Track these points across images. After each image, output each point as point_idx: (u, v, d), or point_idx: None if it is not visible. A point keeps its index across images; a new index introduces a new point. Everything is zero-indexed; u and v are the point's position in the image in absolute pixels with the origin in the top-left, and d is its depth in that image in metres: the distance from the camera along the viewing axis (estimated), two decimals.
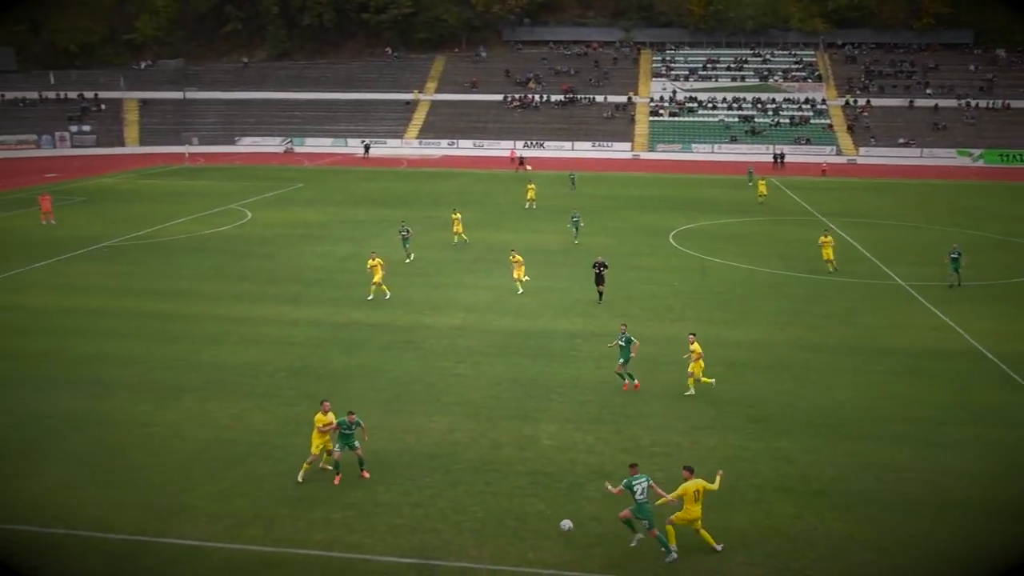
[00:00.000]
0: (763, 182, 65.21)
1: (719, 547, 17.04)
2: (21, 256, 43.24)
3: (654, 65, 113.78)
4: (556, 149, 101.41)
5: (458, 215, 47.80)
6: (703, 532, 17.08)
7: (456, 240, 46.95)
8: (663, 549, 16.79)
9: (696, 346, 25.13)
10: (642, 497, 16.83)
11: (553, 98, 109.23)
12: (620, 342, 25.77)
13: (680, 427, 22.95)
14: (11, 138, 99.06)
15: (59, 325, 31.77)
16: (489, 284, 38.12)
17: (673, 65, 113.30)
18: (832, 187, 74.60)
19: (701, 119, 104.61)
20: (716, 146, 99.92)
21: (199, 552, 16.88)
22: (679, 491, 16.98)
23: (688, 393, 25.06)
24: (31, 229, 51.09)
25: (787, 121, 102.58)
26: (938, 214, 58.92)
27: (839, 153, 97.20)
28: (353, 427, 19.85)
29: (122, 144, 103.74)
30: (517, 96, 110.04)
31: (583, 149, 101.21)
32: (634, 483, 16.92)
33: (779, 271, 40.98)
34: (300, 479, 19.56)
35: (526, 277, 36.63)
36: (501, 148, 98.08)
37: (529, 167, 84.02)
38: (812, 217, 57.08)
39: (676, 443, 21.95)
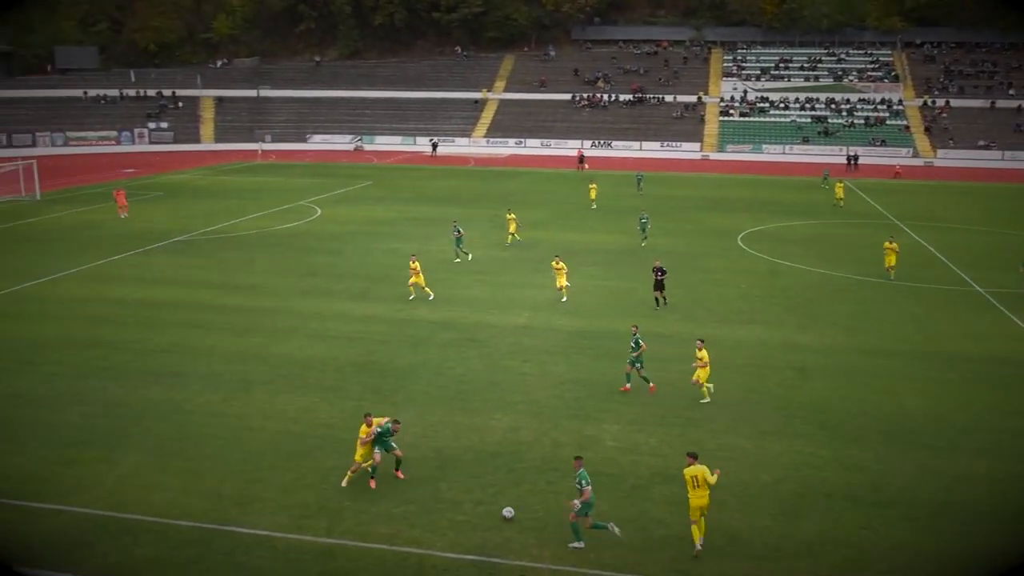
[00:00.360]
0: (840, 185, 63.65)
1: (699, 546, 16.78)
2: (101, 248, 44.63)
3: (725, 64, 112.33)
4: (624, 149, 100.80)
5: (513, 215, 47.59)
6: (702, 522, 16.96)
7: (510, 240, 46.77)
8: (602, 528, 17.21)
9: (703, 353, 24.53)
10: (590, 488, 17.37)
11: (621, 97, 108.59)
12: (631, 344, 25.45)
13: (746, 431, 22.65)
14: (93, 134, 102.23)
15: (137, 316, 32.72)
16: (553, 283, 38.05)
17: (744, 64, 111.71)
18: (907, 190, 72.80)
19: (772, 119, 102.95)
20: (787, 147, 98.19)
21: (265, 541, 17.22)
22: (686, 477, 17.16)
23: (704, 401, 24.60)
24: (110, 223, 52.69)
25: (861, 122, 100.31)
26: (1020, 220, 57.01)
27: (915, 155, 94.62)
28: (393, 433, 19.70)
29: (198, 141, 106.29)
30: (585, 95, 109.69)
31: (651, 149, 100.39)
32: (585, 477, 17.27)
33: (851, 275, 40.11)
34: (344, 484, 19.43)
35: (567, 283, 35.41)
36: (568, 148, 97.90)
37: (587, 166, 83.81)
38: (886, 220, 55.77)
39: (742, 448, 21.66)
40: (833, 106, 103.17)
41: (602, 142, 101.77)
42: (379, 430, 19.40)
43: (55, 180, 70.27)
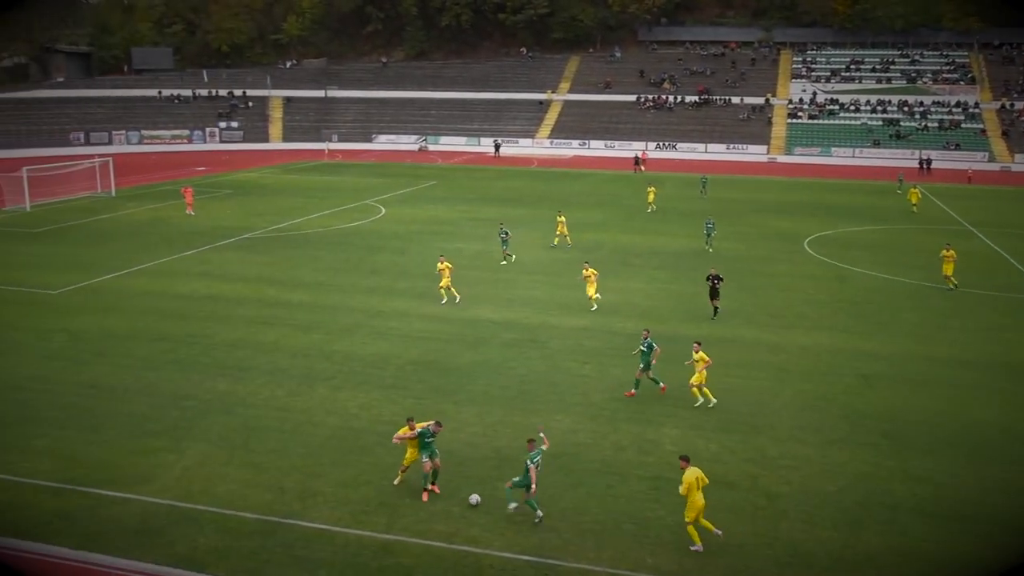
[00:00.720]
0: (915, 190, 62.04)
1: (698, 547, 16.99)
2: (172, 244, 45.76)
3: (794, 66, 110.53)
4: (688, 151, 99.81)
5: (563, 217, 47.05)
6: (703, 521, 17.08)
7: (557, 242, 46.28)
8: (534, 510, 17.96)
9: (702, 354, 24.21)
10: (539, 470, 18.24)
11: (687, 99, 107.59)
12: (642, 347, 25.14)
13: (810, 439, 22.25)
14: (166, 132, 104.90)
15: (204, 311, 33.45)
16: (616, 286, 37.89)
17: (814, 66, 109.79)
18: (981, 195, 70.75)
19: (842, 122, 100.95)
20: (857, 150, 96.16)
21: (324, 535, 17.45)
22: (685, 484, 17.12)
23: (697, 404, 24.28)
24: (180, 219, 53.98)
25: (935, 125, 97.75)
26: None
27: (992, 160, 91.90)
28: (435, 436, 19.21)
29: (266, 140, 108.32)
30: (651, 97, 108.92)
31: (717, 151, 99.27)
32: (535, 458, 18.08)
33: (922, 282, 39.12)
34: (396, 483, 19.44)
35: (598, 295, 34.07)
36: (632, 149, 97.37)
37: (643, 168, 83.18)
38: (959, 226, 54.30)
39: (805, 456, 21.27)
40: (906, 108, 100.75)
41: (666, 144, 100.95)
42: (420, 431, 19.06)
43: (130, 177, 72.23)
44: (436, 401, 23.99)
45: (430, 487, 19.08)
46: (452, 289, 34.86)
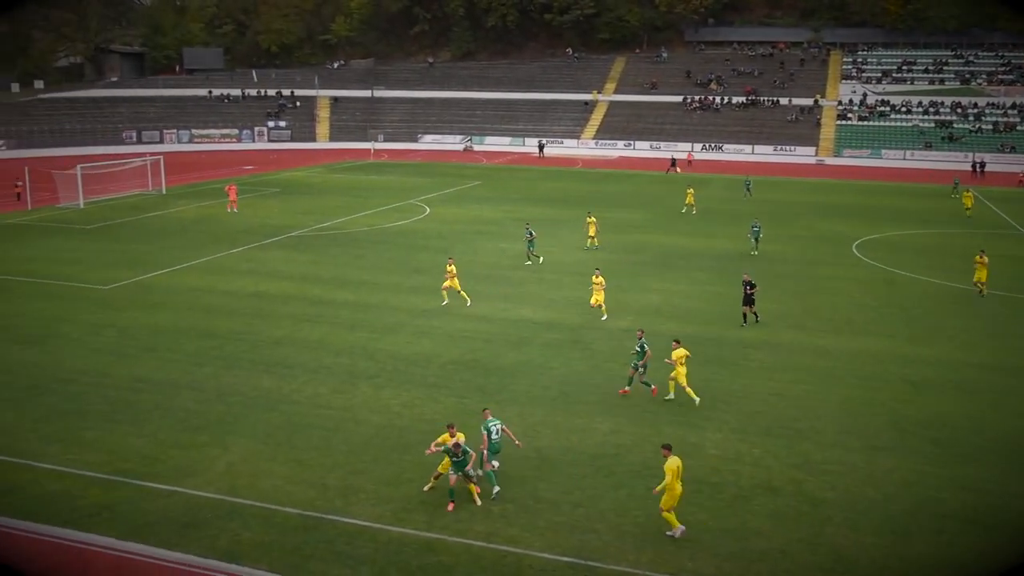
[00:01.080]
0: (968, 194, 60.78)
1: (678, 533, 17.34)
2: (219, 242, 46.41)
3: (844, 67, 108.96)
4: (735, 152, 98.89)
5: (593, 219, 46.52)
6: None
7: (588, 244, 45.98)
8: (491, 485, 18.90)
9: (681, 351, 24.32)
10: (496, 438, 19.36)
11: (734, 100, 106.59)
12: (636, 348, 24.90)
13: (855, 445, 21.89)
14: (216, 131, 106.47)
15: (250, 308, 33.86)
16: (660, 287, 37.67)
17: (865, 67, 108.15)
18: None
19: (893, 124, 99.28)
20: (908, 153, 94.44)
21: (366, 532, 17.54)
22: (667, 473, 17.30)
23: (668, 397, 24.50)
24: (227, 217, 54.74)
25: (989, 127, 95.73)
26: None
27: None
28: (463, 455, 18.45)
29: (313, 139, 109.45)
30: (697, 97, 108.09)
31: (764, 153, 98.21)
32: (490, 426, 19.33)
33: (973, 287, 38.28)
34: (425, 489, 19.16)
35: (604, 303, 32.89)
36: (678, 150, 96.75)
37: (678, 169, 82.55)
38: (1013, 231, 53.12)
39: (851, 462, 20.93)
40: (959, 110, 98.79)
41: (713, 145, 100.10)
42: (444, 448, 18.48)
43: (179, 175, 73.42)
44: (478, 400, 24.01)
45: (473, 493, 18.90)
46: (461, 292, 34.09)
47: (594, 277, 33.32)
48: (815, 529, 17.84)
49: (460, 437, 18.81)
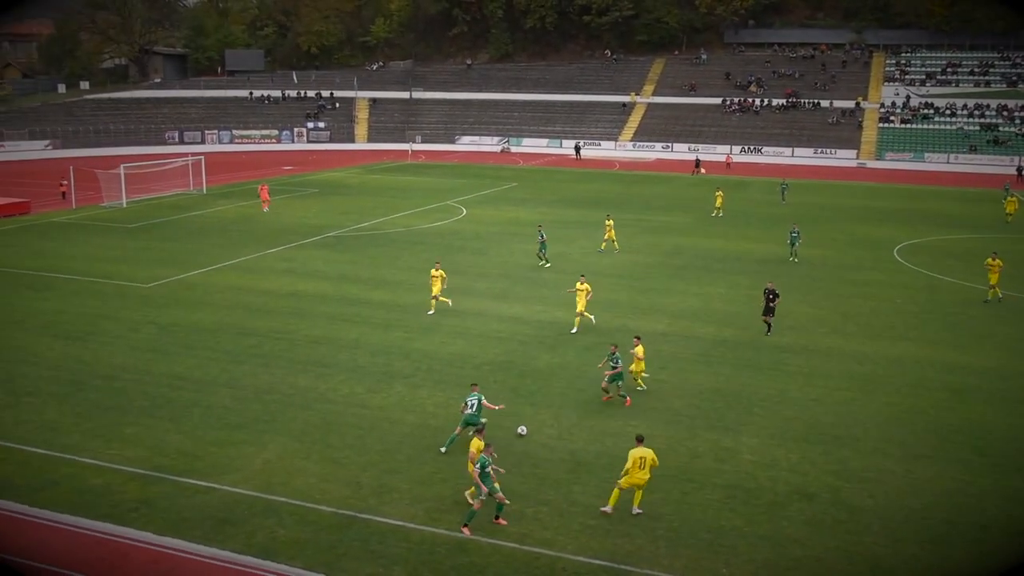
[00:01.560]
0: (1014, 199, 59.46)
1: (638, 511, 18.11)
2: (258, 242, 46.87)
3: (887, 68, 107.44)
4: (774, 155, 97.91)
5: (611, 221, 46.07)
6: (638, 493, 18.18)
7: (604, 247, 45.57)
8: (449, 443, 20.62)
9: (639, 349, 25.20)
10: (471, 411, 20.85)
11: (774, 102, 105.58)
12: (610, 362, 24.42)
13: (895, 453, 21.57)
14: (256, 132, 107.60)
15: (288, 307, 34.15)
16: (697, 291, 37.42)
17: (908, 69, 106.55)
18: None
19: (937, 127, 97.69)
20: (952, 156, 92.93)
21: (399, 531, 17.61)
22: (628, 458, 18.12)
23: (640, 388, 25.25)
24: (266, 217, 55.29)
25: None
26: None
27: None
28: (487, 466, 17.62)
29: (352, 140, 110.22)
30: (736, 100, 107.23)
31: (804, 156, 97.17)
32: (468, 399, 21.07)
33: (1019, 293, 37.59)
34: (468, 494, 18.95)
35: (591, 316, 31.79)
36: (717, 153, 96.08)
37: (703, 170, 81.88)
38: None
39: (890, 470, 20.63)
40: (1005, 113, 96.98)
41: (752, 148, 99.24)
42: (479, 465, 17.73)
43: (220, 175, 74.33)
44: (513, 402, 24.02)
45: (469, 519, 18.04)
46: (442, 298, 33.43)
47: (578, 284, 31.88)
48: (852, 537, 17.60)
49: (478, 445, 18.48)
